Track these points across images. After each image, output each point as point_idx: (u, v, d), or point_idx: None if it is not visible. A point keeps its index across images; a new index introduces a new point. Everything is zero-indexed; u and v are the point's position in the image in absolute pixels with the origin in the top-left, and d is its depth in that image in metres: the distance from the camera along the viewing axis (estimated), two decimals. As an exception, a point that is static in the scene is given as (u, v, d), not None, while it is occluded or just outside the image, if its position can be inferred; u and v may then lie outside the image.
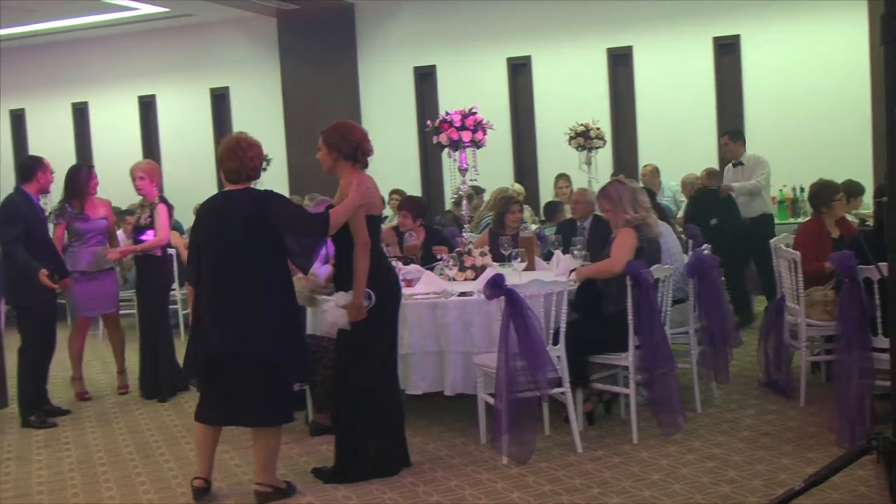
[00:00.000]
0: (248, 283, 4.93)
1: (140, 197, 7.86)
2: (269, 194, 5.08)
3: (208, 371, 5.07)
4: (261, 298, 4.94)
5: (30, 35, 14.16)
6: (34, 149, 15.31)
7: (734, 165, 9.60)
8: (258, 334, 4.92)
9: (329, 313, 5.27)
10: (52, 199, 7.96)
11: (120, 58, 14.92)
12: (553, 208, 10.21)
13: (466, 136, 6.86)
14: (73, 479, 5.83)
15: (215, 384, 5.06)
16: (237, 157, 5.02)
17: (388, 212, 11.20)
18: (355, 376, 5.29)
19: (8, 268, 7.16)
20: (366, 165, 5.38)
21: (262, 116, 13.92)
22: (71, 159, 14.02)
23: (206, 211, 5.16)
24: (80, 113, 15.48)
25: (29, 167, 7.25)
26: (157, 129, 14.91)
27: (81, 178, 7.68)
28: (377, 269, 5.20)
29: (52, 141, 15.12)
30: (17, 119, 15.90)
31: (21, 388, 7.22)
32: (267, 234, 4.93)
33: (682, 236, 7.63)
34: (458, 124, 6.86)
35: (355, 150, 5.27)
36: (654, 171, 11.44)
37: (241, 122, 14.25)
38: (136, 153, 14.26)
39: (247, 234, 4.92)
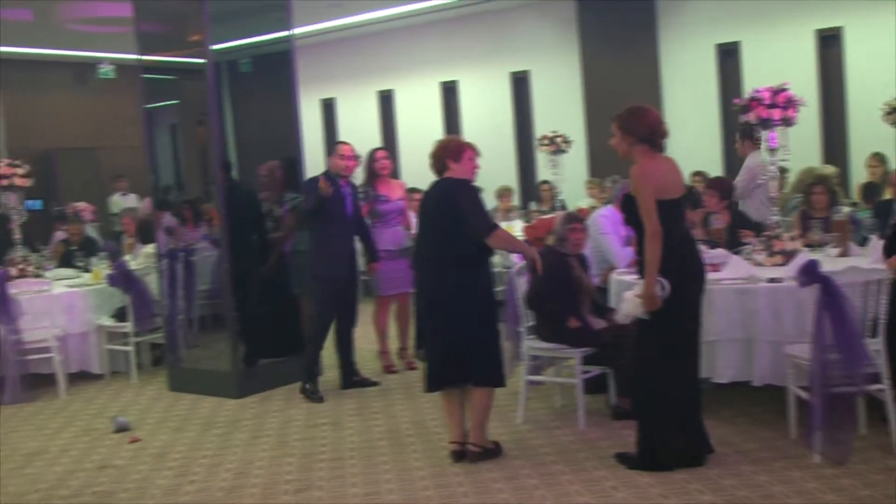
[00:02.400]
0: (448, 259, 5.48)
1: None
2: (463, 184, 5.54)
3: (429, 339, 5.73)
4: (458, 274, 5.45)
5: (339, 29, 14.92)
6: (343, 135, 16.17)
7: None
8: (457, 305, 5.45)
9: (625, 302, 5.19)
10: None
11: (423, 46, 15.43)
12: (871, 190, 9.55)
13: (777, 113, 6.55)
14: (381, 447, 6.12)
15: (435, 352, 5.62)
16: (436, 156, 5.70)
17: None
18: (652, 365, 5.21)
19: (311, 241, 7.61)
20: (662, 149, 5.28)
21: (562, 99, 13.97)
22: (376, 144, 14.66)
23: (424, 197, 5.80)
24: (386, 100, 16.15)
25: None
26: (458, 113, 15.30)
27: (379, 161, 8.14)
28: (676, 254, 5.07)
29: (359, 127, 15.89)
30: (328, 107, 16.81)
31: (306, 355, 7.61)
32: (460, 216, 5.43)
33: None
34: (767, 101, 6.57)
35: (651, 133, 5.21)
36: None
37: (542, 104, 14.37)
38: (438, 137, 14.69)
39: (446, 214, 5.47)
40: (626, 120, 5.24)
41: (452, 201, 5.47)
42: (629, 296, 5.15)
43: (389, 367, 8.22)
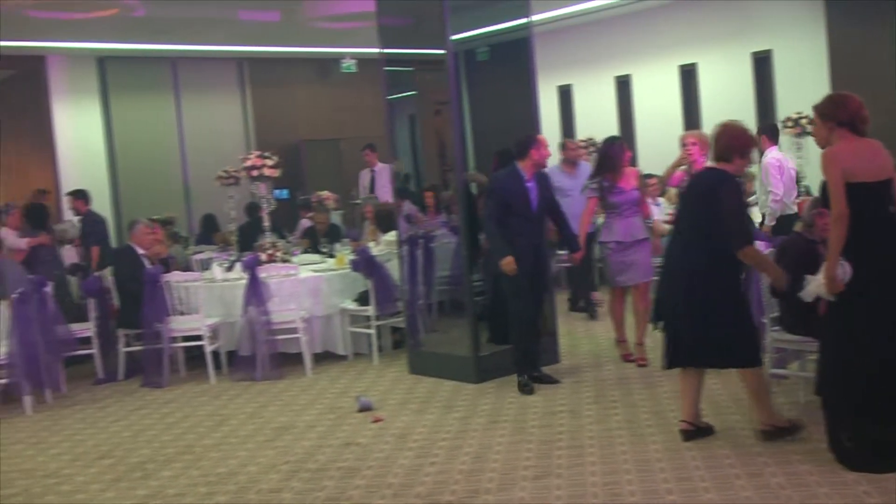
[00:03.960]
0: (698, 243, 5.56)
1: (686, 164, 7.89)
2: (729, 181, 5.54)
3: (674, 317, 5.74)
4: (706, 257, 5.52)
5: (576, 15, 14.80)
6: (579, 121, 16.09)
7: None
8: (706, 285, 5.52)
9: (811, 283, 5.17)
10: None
11: (661, 29, 15.06)
12: None
13: None
14: (620, 437, 6.04)
15: (686, 331, 5.64)
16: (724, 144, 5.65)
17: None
18: (833, 351, 5.12)
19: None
20: (863, 133, 5.12)
21: (806, 77, 13.24)
22: (613, 131, 14.49)
23: (692, 182, 5.96)
24: (623, 85, 15.90)
25: (523, 144, 7.47)
26: (698, 97, 14.87)
27: (614, 152, 7.95)
28: (866, 239, 4.95)
29: (595, 113, 15.72)
30: (564, 94, 16.72)
31: (514, 349, 7.56)
32: (713, 207, 5.47)
33: None
34: None
35: (851, 118, 5.09)
36: None
37: (785, 85, 13.72)
38: (676, 123, 14.35)
39: (698, 204, 5.60)
40: (825, 107, 5.21)
41: (715, 196, 5.48)
42: (817, 276, 5.13)
43: (627, 356, 8.07)
